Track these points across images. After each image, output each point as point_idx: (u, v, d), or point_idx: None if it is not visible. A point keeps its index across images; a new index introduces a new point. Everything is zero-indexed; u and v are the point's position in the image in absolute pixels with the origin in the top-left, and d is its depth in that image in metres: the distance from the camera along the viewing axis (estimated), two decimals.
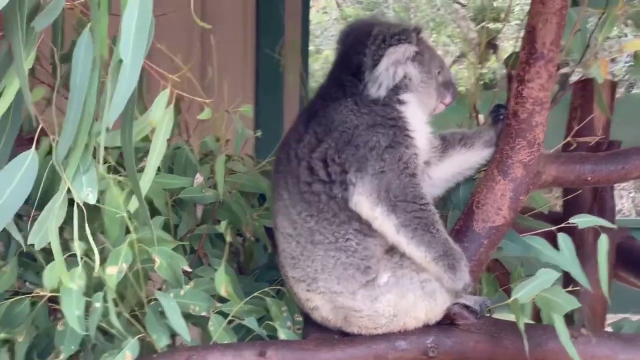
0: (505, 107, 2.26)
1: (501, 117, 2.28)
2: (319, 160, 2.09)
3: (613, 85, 2.98)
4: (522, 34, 2.22)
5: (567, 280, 2.41)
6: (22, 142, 1.96)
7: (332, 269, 2.09)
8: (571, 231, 2.42)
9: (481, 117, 2.64)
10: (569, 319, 2.89)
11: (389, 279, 2.09)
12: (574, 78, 2.51)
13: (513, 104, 2.22)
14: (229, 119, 2.62)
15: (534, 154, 2.22)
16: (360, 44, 2.15)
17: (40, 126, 1.91)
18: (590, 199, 2.94)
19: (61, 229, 1.98)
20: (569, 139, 2.77)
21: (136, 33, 1.60)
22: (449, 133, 2.32)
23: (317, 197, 2.09)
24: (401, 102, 2.16)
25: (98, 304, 2.01)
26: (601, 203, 2.93)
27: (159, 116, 1.81)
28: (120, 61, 1.60)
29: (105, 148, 2.02)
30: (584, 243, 2.85)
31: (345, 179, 2.06)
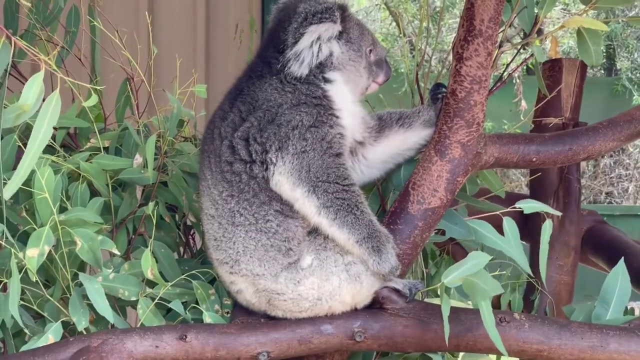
0: (446, 86, 2.20)
1: (440, 96, 2.21)
2: (241, 139, 2.04)
3: (583, 66, 2.90)
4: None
5: None
6: None
7: (254, 250, 2.04)
8: (538, 216, 2.36)
9: None
10: (531, 304, 2.84)
11: (312, 261, 2.04)
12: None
13: (451, 82, 2.15)
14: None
15: (473, 134, 2.15)
16: (286, 21, 2.10)
17: None
18: (557, 182, 2.87)
19: None
20: (524, 120, 2.71)
21: None
22: (386, 113, 2.26)
23: (238, 177, 2.04)
24: (327, 81, 2.10)
25: (10, 288, 1.97)
26: (567, 186, 2.85)
27: (32, 100, 1.72)
28: None
29: None
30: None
31: (266, 158, 2.01)
